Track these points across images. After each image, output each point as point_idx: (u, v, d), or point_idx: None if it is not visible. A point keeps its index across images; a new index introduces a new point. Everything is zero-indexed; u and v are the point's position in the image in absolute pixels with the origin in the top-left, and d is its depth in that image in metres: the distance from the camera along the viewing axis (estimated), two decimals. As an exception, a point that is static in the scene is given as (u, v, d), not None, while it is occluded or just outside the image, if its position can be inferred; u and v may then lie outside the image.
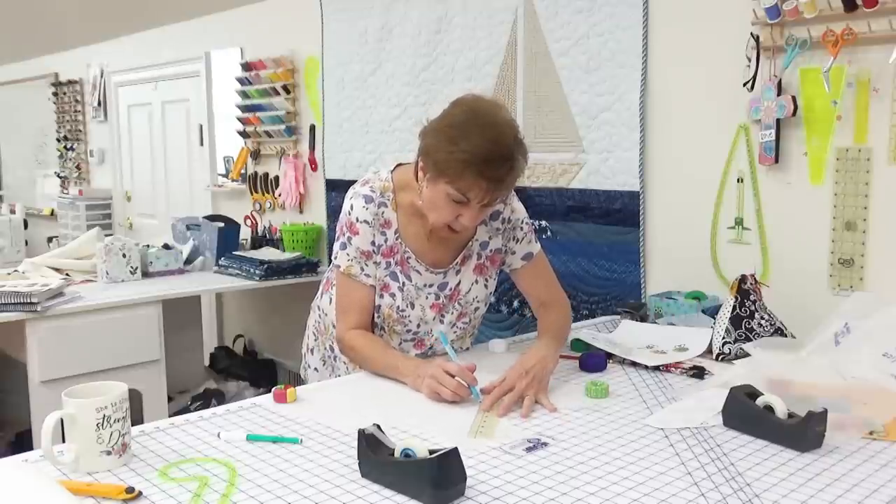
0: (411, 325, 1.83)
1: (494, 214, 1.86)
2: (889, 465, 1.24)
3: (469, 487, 1.15)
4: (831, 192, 2.09)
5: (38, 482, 1.11)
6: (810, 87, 2.10)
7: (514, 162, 1.62)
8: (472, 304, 1.88)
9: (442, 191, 1.64)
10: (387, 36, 3.35)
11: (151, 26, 5.01)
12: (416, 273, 1.81)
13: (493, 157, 1.58)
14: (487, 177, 1.59)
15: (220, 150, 4.57)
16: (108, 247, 3.31)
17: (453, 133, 1.61)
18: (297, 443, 1.35)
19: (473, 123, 1.61)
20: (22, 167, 7.15)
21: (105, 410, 1.22)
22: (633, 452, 1.30)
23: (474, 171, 1.58)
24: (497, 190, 1.62)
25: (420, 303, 1.81)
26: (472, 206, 1.64)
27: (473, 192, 1.61)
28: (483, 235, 1.86)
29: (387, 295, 1.80)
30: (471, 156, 1.57)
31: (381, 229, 1.78)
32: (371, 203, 1.77)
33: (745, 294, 1.94)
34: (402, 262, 1.80)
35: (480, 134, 1.58)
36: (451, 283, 1.84)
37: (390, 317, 1.81)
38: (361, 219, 1.77)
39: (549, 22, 2.74)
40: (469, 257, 1.85)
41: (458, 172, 1.59)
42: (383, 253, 1.79)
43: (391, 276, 1.80)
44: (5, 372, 3.17)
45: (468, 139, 1.58)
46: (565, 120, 2.71)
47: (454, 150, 1.59)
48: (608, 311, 2.57)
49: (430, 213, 1.70)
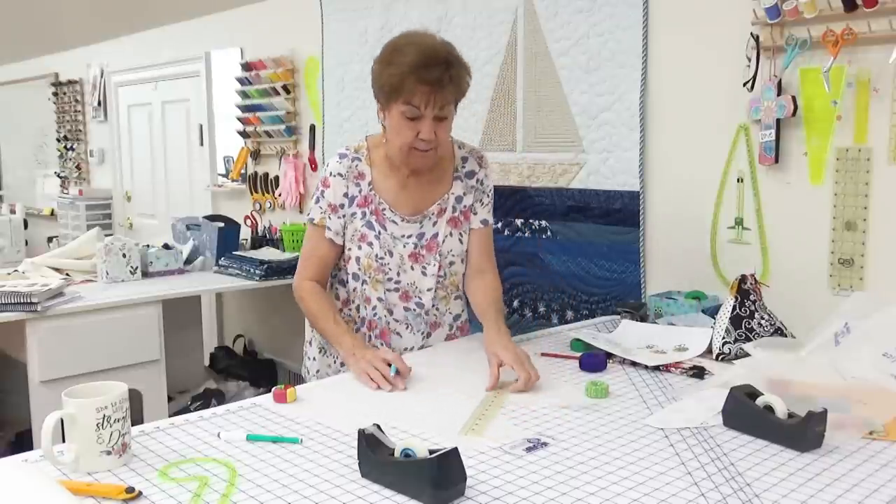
0: (391, 273, 1.91)
1: (469, 174, 1.97)
2: (889, 465, 1.24)
3: (469, 487, 1.15)
4: (831, 192, 2.09)
5: (38, 482, 1.11)
6: (810, 87, 2.10)
7: (451, 66, 1.76)
8: (447, 258, 1.94)
9: (396, 114, 1.78)
10: (387, 36, 3.31)
11: (151, 26, 5.02)
12: (391, 223, 1.91)
13: (429, 62, 1.73)
14: (426, 80, 1.72)
15: (220, 150, 4.57)
16: (108, 247, 3.31)
17: (390, 56, 1.78)
18: (297, 443, 1.35)
19: (405, 42, 1.79)
20: (22, 167, 7.15)
21: (105, 410, 1.22)
22: (633, 452, 1.30)
23: (413, 78, 1.72)
24: (439, 93, 1.74)
25: (398, 251, 1.90)
26: (426, 117, 1.76)
27: (417, 97, 1.74)
28: (458, 190, 1.96)
29: (364, 245, 1.90)
30: (408, 66, 1.73)
31: (355, 181, 1.91)
32: (345, 158, 1.92)
33: (745, 294, 1.94)
34: (376, 212, 1.90)
35: (414, 48, 1.76)
36: (427, 233, 1.92)
37: (370, 266, 1.90)
38: (335, 172, 1.91)
39: (549, 22, 2.74)
40: (444, 210, 1.94)
41: (400, 83, 1.73)
42: (358, 203, 1.90)
43: (367, 226, 1.90)
44: (5, 372, 3.17)
45: (403, 54, 1.75)
46: (565, 120, 2.71)
47: (393, 68, 1.75)
48: (608, 311, 2.57)
49: (394, 141, 1.83)
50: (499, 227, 2.97)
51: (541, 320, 2.83)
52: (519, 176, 2.88)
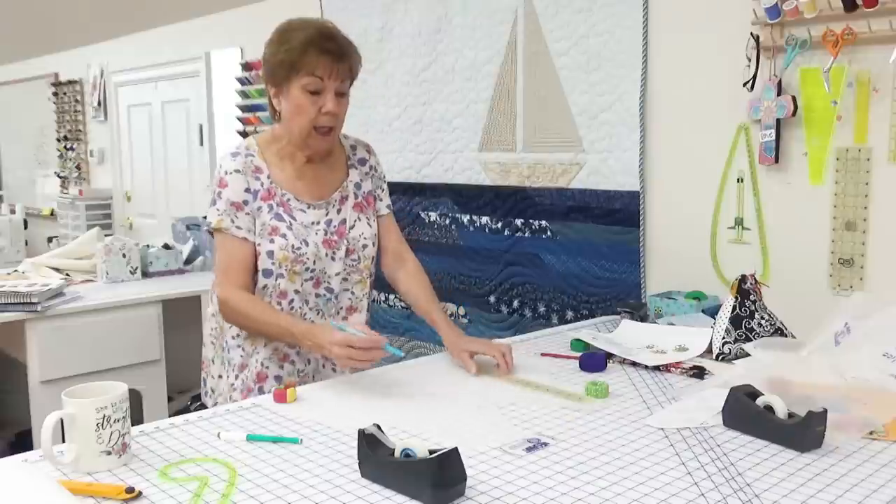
0: (308, 262, 1.84)
1: (361, 160, 1.98)
2: (889, 465, 1.24)
3: (469, 487, 1.15)
4: (831, 192, 2.09)
5: (38, 482, 1.11)
6: (810, 87, 2.10)
7: (347, 41, 1.79)
8: (359, 241, 1.92)
9: (296, 89, 1.76)
10: (387, 36, 3.35)
11: (151, 26, 5.01)
12: (299, 213, 1.85)
13: (326, 34, 1.76)
14: (328, 49, 1.74)
15: (220, 150, 4.57)
16: (108, 247, 3.31)
17: (283, 36, 1.78)
18: (297, 443, 1.35)
19: (295, 23, 1.80)
20: (22, 167, 7.15)
21: (105, 410, 1.22)
22: (633, 452, 1.30)
23: (315, 48, 1.73)
24: (340, 62, 1.75)
25: (312, 239, 1.85)
26: (328, 89, 1.75)
27: (321, 68, 1.73)
28: (355, 177, 1.95)
29: (277, 237, 1.81)
30: (306, 37, 1.74)
31: (253, 175, 1.83)
32: (237, 156, 1.84)
33: (745, 294, 1.94)
34: (282, 203, 1.84)
35: (306, 25, 1.78)
36: (335, 219, 1.89)
37: (286, 259, 1.81)
38: (231, 170, 1.81)
39: (549, 22, 2.74)
40: (346, 197, 1.92)
41: (301, 55, 1.73)
42: (262, 197, 1.82)
43: (276, 218, 1.82)
44: (5, 372, 3.17)
45: (297, 31, 1.76)
46: (565, 120, 2.71)
47: (288, 43, 1.75)
48: (608, 311, 2.57)
49: (295, 120, 1.78)
50: (499, 226, 2.97)
51: (541, 320, 2.83)
52: (519, 176, 2.88)
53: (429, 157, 3.21)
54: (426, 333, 3.16)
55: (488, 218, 3.01)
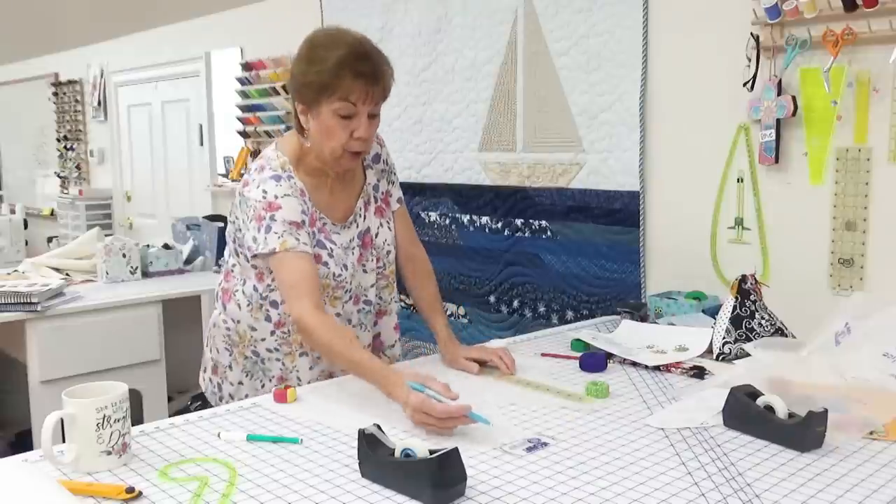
0: (349, 286, 1.81)
1: (376, 157, 1.90)
2: (889, 465, 1.24)
3: (469, 487, 1.15)
4: (831, 192, 2.09)
5: (38, 482, 1.11)
6: (810, 87, 2.09)
7: (381, 60, 1.68)
8: (383, 248, 1.88)
9: (327, 113, 1.66)
10: (387, 36, 3.35)
11: (151, 26, 5.01)
12: (336, 235, 1.78)
13: (361, 55, 1.65)
14: (363, 72, 1.63)
15: (220, 150, 4.57)
16: (108, 247, 3.31)
17: (314, 54, 1.66)
18: (297, 443, 1.35)
19: (326, 38, 1.68)
20: (22, 167, 7.15)
21: (105, 410, 1.22)
22: (633, 452, 1.30)
23: (349, 72, 1.62)
24: (375, 86, 1.66)
25: (350, 261, 1.80)
26: (361, 114, 1.66)
27: (355, 93, 1.64)
28: (373, 178, 1.89)
29: (320, 265, 1.73)
30: (339, 59, 1.62)
31: (301, 198, 1.72)
32: (281, 179, 1.71)
33: (745, 294, 1.94)
34: (323, 229, 1.77)
35: (338, 42, 1.66)
36: (361, 228, 1.84)
37: (328, 286, 1.76)
38: (281, 194, 1.69)
39: (549, 22, 2.74)
40: (368, 202, 1.87)
41: (335, 78, 1.63)
42: (308, 222, 1.74)
43: (319, 245, 1.75)
44: (5, 372, 3.17)
45: (330, 50, 1.64)
46: (565, 120, 2.71)
47: (322, 64, 1.64)
48: (608, 311, 2.57)
49: (326, 143, 1.69)
50: (499, 226, 2.97)
51: (541, 320, 2.83)
52: (519, 176, 2.88)
53: (429, 157, 3.21)
54: (427, 334, 3.14)
55: (488, 218, 3.01)
